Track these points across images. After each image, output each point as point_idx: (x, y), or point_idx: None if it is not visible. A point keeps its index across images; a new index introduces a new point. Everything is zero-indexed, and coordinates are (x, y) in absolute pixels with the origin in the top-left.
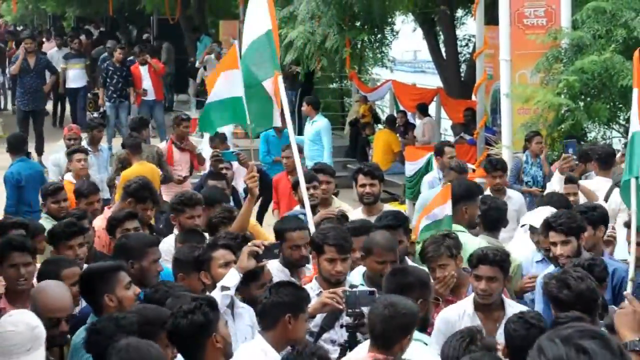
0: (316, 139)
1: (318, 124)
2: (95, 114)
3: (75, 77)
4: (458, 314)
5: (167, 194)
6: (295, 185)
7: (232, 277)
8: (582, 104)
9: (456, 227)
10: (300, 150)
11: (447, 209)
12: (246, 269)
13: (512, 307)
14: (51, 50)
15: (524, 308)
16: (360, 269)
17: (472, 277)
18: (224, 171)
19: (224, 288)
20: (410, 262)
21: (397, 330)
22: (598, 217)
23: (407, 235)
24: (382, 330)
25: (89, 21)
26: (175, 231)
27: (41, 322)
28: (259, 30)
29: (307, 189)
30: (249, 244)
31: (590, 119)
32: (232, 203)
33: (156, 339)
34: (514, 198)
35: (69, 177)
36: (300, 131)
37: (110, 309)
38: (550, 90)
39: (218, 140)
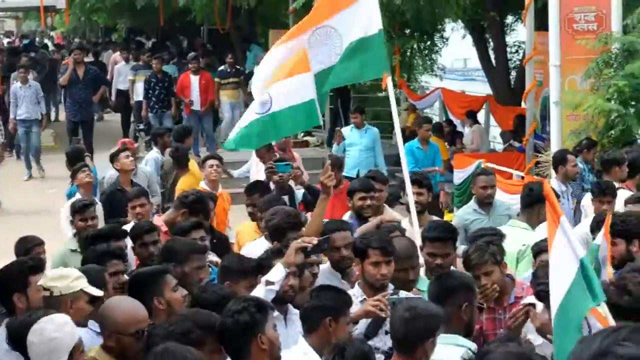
0: (370, 146)
1: (372, 131)
2: (141, 126)
3: None
4: None
5: None
6: (350, 193)
7: (277, 272)
8: (632, 109)
9: (522, 225)
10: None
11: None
12: (294, 264)
13: None
14: (119, 65)
15: None
16: None
17: None
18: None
19: (268, 282)
20: None
21: (419, 332)
22: None
23: (455, 247)
24: (404, 334)
25: (140, 32)
26: None
27: (63, 334)
28: (369, 29)
29: (365, 198)
30: (299, 239)
31: None
32: None
33: (204, 344)
34: None
35: (203, 184)
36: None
37: (160, 311)
38: (601, 95)
39: (263, 149)
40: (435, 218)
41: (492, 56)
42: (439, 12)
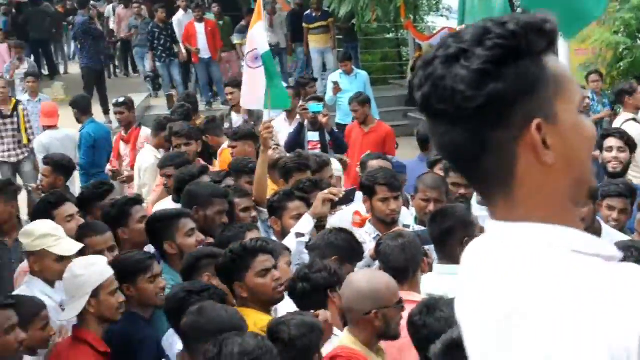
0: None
1: (362, 76)
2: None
3: None
4: None
5: None
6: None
7: (306, 223)
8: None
9: None
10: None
11: None
12: (321, 215)
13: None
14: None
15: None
16: (412, 211)
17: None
18: None
19: (298, 235)
20: None
21: (415, 258)
22: None
23: None
24: (404, 260)
25: None
26: None
27: (89, 273)
28: None
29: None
30: (326, 190)
31: None
32: None
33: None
34: None
35: None
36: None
37: (172, 256)
38: (607, 29)
39: None
40: None
41: None
42: None
